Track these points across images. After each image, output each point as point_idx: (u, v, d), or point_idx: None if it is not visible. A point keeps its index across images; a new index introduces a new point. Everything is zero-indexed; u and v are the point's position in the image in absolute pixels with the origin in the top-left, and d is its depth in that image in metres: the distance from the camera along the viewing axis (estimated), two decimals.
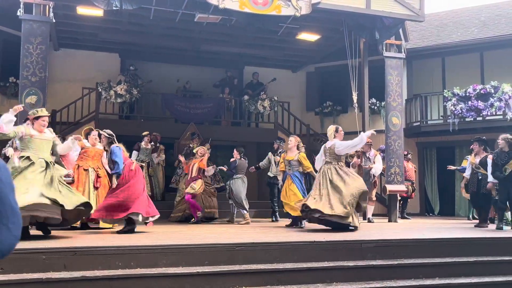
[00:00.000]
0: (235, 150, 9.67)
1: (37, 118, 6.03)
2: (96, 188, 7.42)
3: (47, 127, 6.22)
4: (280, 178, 9.21)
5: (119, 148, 6.75)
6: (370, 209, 10.13)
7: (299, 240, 5.67)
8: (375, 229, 7.80)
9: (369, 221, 9.88)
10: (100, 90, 12.43)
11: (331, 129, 7.83)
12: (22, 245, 4.89)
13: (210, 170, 9.50)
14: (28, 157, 5.71)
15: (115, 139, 6.90)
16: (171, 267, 4.87)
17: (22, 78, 8.26)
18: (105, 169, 7.55)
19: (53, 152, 6.25)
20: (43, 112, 6.14)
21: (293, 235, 6.40)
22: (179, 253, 5.01)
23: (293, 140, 8.69)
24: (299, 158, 8.51)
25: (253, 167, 9.98)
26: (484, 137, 9.18)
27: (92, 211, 7.05)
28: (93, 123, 12.16)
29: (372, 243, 5.77)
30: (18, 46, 8.65)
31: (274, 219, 10.03)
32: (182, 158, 10.13)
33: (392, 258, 5.68)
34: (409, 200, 12.06)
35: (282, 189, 8.78)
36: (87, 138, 7.63)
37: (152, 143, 11.38)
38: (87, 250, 4.79)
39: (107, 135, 6.87)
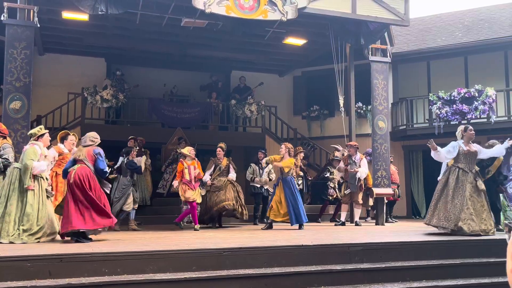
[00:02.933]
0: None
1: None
2: None
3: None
4: (266, 187, 10.20)
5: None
6: (357, 212, 10.19)
7: (287, 245, 5.67)
8: (362, 233, 7.84)
9: (357, 224, 9.93)
10: (85, 95, 12.33)
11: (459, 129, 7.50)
12: (6, 252, 4.83)
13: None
14: None
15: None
16: (159, 273, 4.84)
17: (6, 83, 8.14)
18: None
19: None
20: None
21: (281, 240, 6.40)
22: (167, 258, 4.98)
23: (283, 148, 9.14)
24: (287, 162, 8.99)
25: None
26: None
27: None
28: (78, 129, 12.07)
29: (359, 246, 5.80)
30: (2, 51, 8.55)
31: (255, 223, 10.38)
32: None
33: (380, 261, 5.71)
34: (396, 202, 12.10)
35: (274, 195, 9.06)
36: (62, 143, 7.48)
37: (137, 147, 11.30)
38: (73, 257, 4.74)
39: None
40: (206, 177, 9.39)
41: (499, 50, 13.46)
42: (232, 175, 9.57)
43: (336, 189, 11.40)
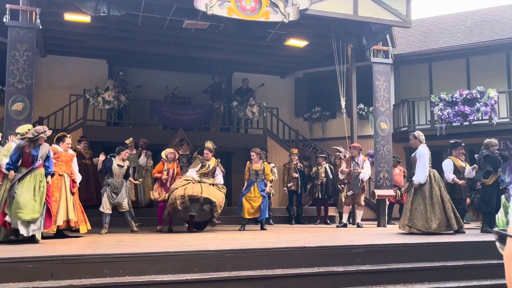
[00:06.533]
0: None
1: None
2: (72, 193, 7.39)
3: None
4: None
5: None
6: (359, 214, 10.17)
7: (288, 246, 5.66)
8: (364, 234, 7.83)
9: (358, 226, 9.91)
10: (87, 96, 12.34)
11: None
12: (8, 253, 4.83)
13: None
14: None
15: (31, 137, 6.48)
16: (160, 274, 4.83)
17: (8, 85, 8.16)
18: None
19: None
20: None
21: (282, 241, 6.40)
22: (168, 260, 4.97)
23: (254, 154, 9.52)
24: (264, 167, 9.46)
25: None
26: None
27: (73, 218, 7.15)
28: (80, 130, 12.09)
29: (361, 248, 5.78)
30: (4, 52, 8.57)
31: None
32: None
33: (381, 263, 5.69)
34: (395, 205, 11.93)
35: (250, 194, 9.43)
36: (58, 143, 7.60)
37: (139, 149, 11.35)
38: (75, 258, 4.74)
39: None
40: (192, 173, 8.74)
41: (501, 51, 13.45)
42: (219, 180, 8.81)
43: (320, 187, 11.29)
